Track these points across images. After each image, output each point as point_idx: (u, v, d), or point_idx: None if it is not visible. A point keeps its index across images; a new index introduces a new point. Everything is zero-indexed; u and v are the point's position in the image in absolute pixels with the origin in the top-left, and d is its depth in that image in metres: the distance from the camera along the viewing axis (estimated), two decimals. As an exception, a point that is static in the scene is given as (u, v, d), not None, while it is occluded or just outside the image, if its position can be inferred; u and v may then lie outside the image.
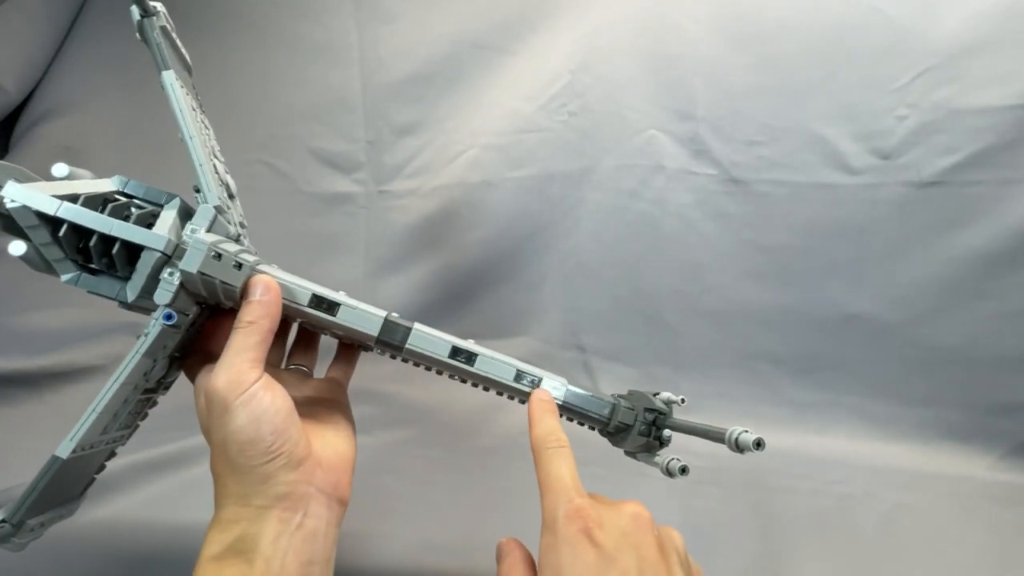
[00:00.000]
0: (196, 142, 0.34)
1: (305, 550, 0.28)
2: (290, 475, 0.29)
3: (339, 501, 0.31)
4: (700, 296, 0.90)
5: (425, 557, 0.69)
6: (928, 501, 0.76)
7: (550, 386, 0.38)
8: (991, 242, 0.77)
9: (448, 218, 0.96)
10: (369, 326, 0.35)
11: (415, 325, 0.36)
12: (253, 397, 0.28)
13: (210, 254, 0.30)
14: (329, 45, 0.97)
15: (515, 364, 0.37)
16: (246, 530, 0.27)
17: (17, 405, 0.85)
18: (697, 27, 0.83)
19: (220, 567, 0.27)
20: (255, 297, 0.31)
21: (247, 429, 0.28)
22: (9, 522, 0.33)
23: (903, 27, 0.75)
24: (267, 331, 0.31)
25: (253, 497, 0.28)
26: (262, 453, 0.28)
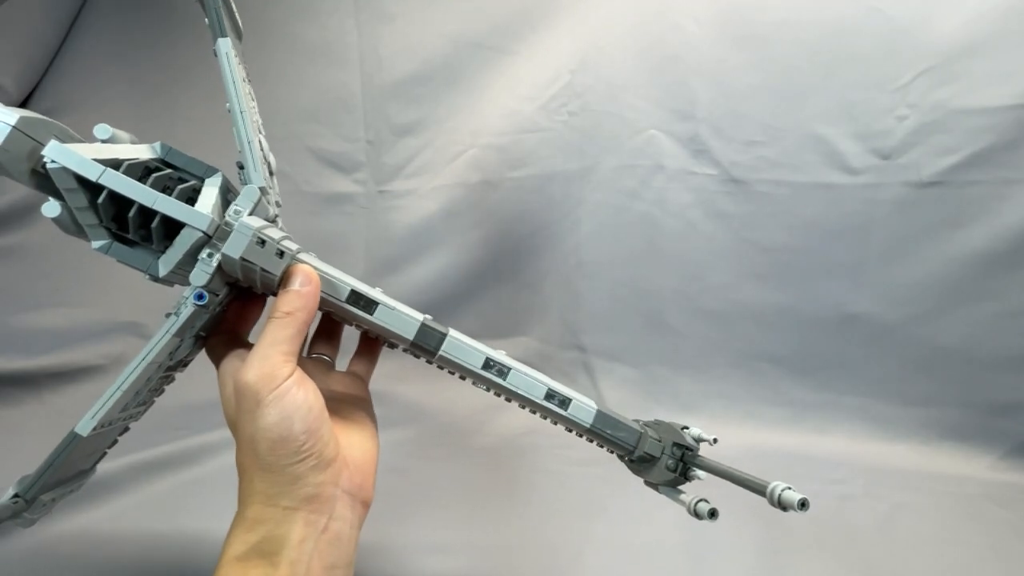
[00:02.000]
0: (245, 117, 0.34)
1: (330, 553, 0.28)
2: (319, 476, 0.28)
3: (363, 502, 0.31)
4: (700, 296, 0.90)
5: (425, 557, 0.69)
6: (928, 501, 0.76)
7: (580, 406, 0.36)
8: (991, 242, 0.77)
9: (448, 218, 0.96)
10: (406, 329, 0.34)
11: (450, 332, 0.35)
12: (287, 393, 0.27)
13: (254, 240, 0.29)
14: (329, 45, 0.97)
15: (547, 382, 0.36)
16: (272, 531, 0.27)
17: (17, 405, 0.85)
18: (697, 27, 0.83)
19: (244, 568, 0.27)
20: (294, 287, 0.30)
21: (279, 427, 0.27)
22: (23, 497, 0.33)
23: (903, 27, 0.75)
24: (303, 323, 0.30)
25: (280, 497, 0.27)
26: (293, 452, 0.27)
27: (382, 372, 0.42)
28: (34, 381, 0.87)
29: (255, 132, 0.34)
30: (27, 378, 0.87)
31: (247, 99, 0.35)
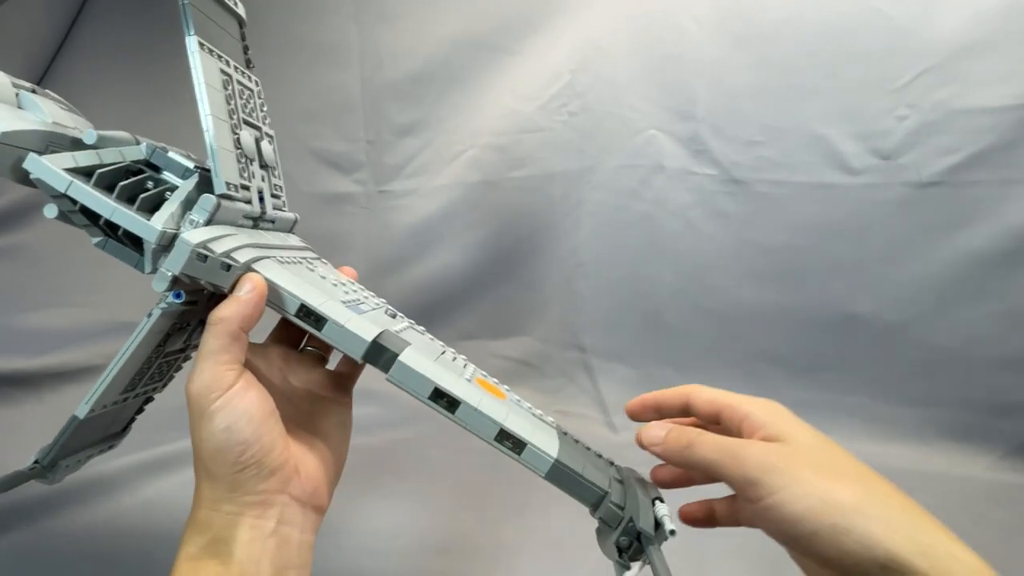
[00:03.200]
0: (211, 122, 0.33)
1: (279, 555, 0.28)
2: (260, 485, 0.28)
3: (315, 508, 0.31)
4: (700, 296, 0.90)
5: (425, 557, 0.69)
6: (928, 501, 0.75)
7: (535, 453, 0.32)
8: (991, 242, 0.77)
9: (448, 218, 0.96)
10: (354, 348, 0.32)
11: (401, 355, 0.31)
12: (227, 404, 0.28)
13: (194, 256, 0.28)
14: (329, 45, 0.97)
15: (500, 423, 0.31)
16: (219, 534, 0.28)
17: (17, 405, 0.85)
18: (697, 27, 0.83)
19: (197, 566, 0.27)
20: (238, 293, 0.30)
21: (217, 437, 0.27)
22: (41, 463, 0.35)
23: (903, 27, 0.75)
24: (238, 330, 0.29)
25: (223, 503, 0.28)
26: (232, 463, 0.28)
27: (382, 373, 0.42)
28: (34, 381, 0.87)
29: (229, 134, 0.34)
30: (27, 378, 0.87)
31: (223, 99, 0.35)
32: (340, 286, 0.37)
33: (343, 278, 0.40)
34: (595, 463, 0.34)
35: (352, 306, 0.34)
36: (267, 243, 0.35)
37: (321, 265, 0.40)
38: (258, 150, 0.38)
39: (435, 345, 0.37)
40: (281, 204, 0.41)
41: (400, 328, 0.35)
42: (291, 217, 0.43)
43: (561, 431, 0.35)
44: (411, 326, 0.37)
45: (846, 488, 0.25)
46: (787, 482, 0.26)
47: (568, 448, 0.33)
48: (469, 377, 0.34)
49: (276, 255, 0.34)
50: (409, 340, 0.34)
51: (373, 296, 0.40)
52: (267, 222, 0.39)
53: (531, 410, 0.36)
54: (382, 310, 0.37)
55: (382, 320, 0.35)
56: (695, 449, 0.30)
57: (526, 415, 0.34)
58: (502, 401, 0.33)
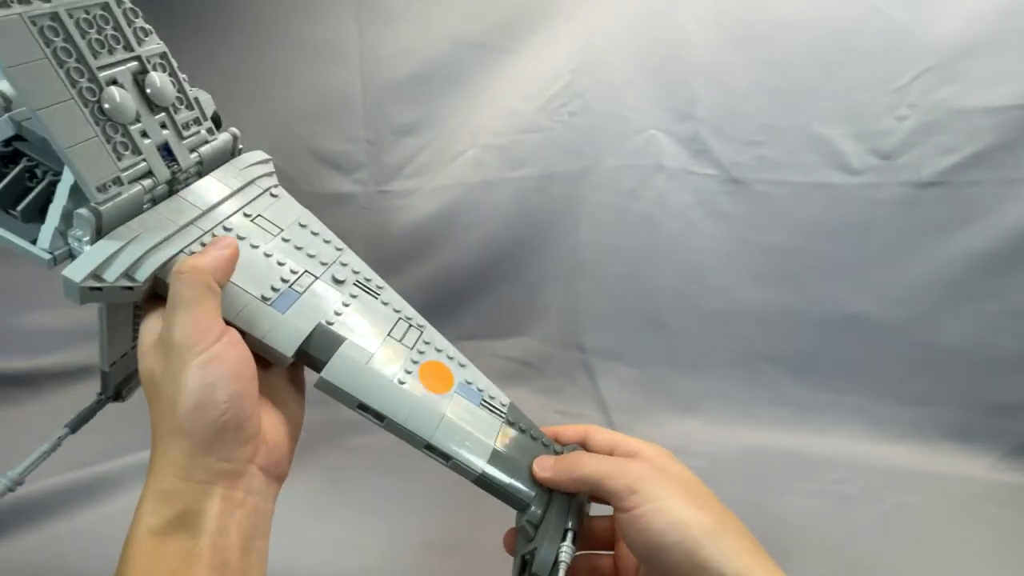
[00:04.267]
0: (45, 117, 0.25)
1: (248, 526, 0.27)
2: (236, 450, 0.27)
3: (278, 478, 0.30)
4: (700, 296, 0.90)
5: (426, 556, 0.69)
6: (928, 501, 0.76)
7: (464, 464, 0.31)
8: (991, 242, 0.77)
9: (448, 218, 0.96)
10: (279, 359, 0.30)
11: (324, 371, 0.30)
12: (214, 358, 0.26)
13: (86, 291, 0.26)
14: (329, 45, 0.97)
15: (426, 438, 0.31)
16: (189, 505, 0.26)
17: (17, 405, 0.85)
18: (697, 27, 0.83)
19: (161, 542, 0.25)
20: (210, 247, 0.29)
21: (200, 392, 0.26)
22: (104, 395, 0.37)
23: (903, 27, 0.75)
24: (211, 280, 0.28)
25: (196, 470, 0.26)
26: (210, 423, 0.26)
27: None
28: (34, 381, 0.87)
29: (80, 115, 0.26)
30: (27, 378, 0.87)
31: (78, 32, 0.27)
32: (280, 251, 0.33)
33: (291, 221, 0.35)
34: (531, 459, 0.33)
35: (283, 296, 0.31)
36: (185, 220, 0.31)
37: (270, 202, 0.36)
38: (141, 94, 0.30)
39: (384, 319, 0.34)
40: (199, 139, 0.34)
41: (342, 304, 0.32)
42: (223, 144, 0.35)
43: (509, 420, 0.34)
44: (363, 292, 0.34)
45: (709, 515, 0.28)
46: (663, 495, 0.28)
47: (504, 452, 0.32)
48: (411, 368, 0.32)
49: (196, 237, 0.30)
50: (350, 323, 0.32)
51: (324, 240, 0.36)
52: (189, 174, 0.33)
53: (481, 394, 0.34)
54: (328, 276, 0.34)
55: (317, 307, 0.32)
56: (581, 465, 0.31)
57: (465, 410, 0.32)
58: (441, 398, 0.32)
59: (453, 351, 0.35)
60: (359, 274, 0.35)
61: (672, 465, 0.32)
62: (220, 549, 0.26)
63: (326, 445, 0.84)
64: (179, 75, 0.32)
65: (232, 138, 0.36)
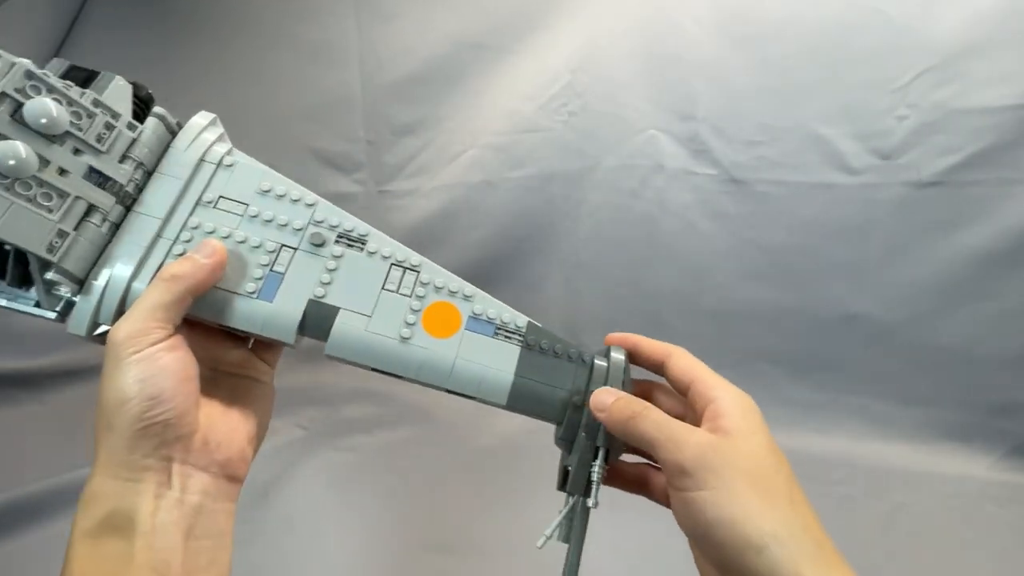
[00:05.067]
0: None
1: (189, 525, 0.27)
2: (161, 448, 0.26)
3: (229, 479, 0.29)
4: (700, 296, 0.90)
5: (426, 555, 0.69)
6: (928, 501, 0.76)
7: (487, 400, 0.32)
8: (991, 242, 0.77)
9: (448, 218, 0.96)
10: (284, 337, 0.30)
11: (327, 345, 0.31)
12: (148, 357, 0.26)
13: (95, 338, 0.28)
14: (329, 45, 0.97)
15: (442, 385, 0.32)
16: (118, 505, 0.26)
17: (17, 405, 0.85)
18: (697, 27, 0.83)
19: (97, 544, 0.25)
20: (196, 254, 0.29)
21: (127, 388, 0.26)
22: None
23: (903, 27, 0.75)
24: (187, 292, 0.28)
25: (121, 467, 0.26)
26: (134, 418, 0.26)
27: (382, 373, 0.41)
28: (34, 381, 0.87)
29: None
30: (27, 378, 0.87)
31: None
32: (251, 232, 0.32)
33: (253, 191, 0.33)
34: (557, 381, 0.32)
35: (267, 283, 0.31)
36: (149, 238, 0.30)
37: (227, 176, 0.33)
38: (29, 131, 0.27)
39: (375, 273, 0.33)
40: (124, 143, 0.31)
41: (327, 271, 0.32)
42: (154, 134, 0.32)
43: (527, 342, 0.33)
44: (346, 248, 0.33)
45: (771, 510, 0.25)
46: (717, 484, 0.26)
47: (526, 378, 0.32)
48: (413, 319, 0.32)
49: (167, 251, 0.30)
50: (341, 289, 0.31)
51: (292, 200, 0.34)
52: (135, 181, 0.31)
53: (494, 323, 0.33)
54: (306, 243, 0.32)
55: (303, 284, 0.31)
56: (637, 422, 0.28)
57: (478, 347, 0.32)
58: (449, 342, 0.32)
59: (457, 283, 0.34)
60: (337, 228, 0.33)
61: (749, 427, 0.28)
62: (156, 549, 0.26)
63: (326, 445, 0.84)
64: (59, 86, 0.28)
65: (159, 121, 0.32)
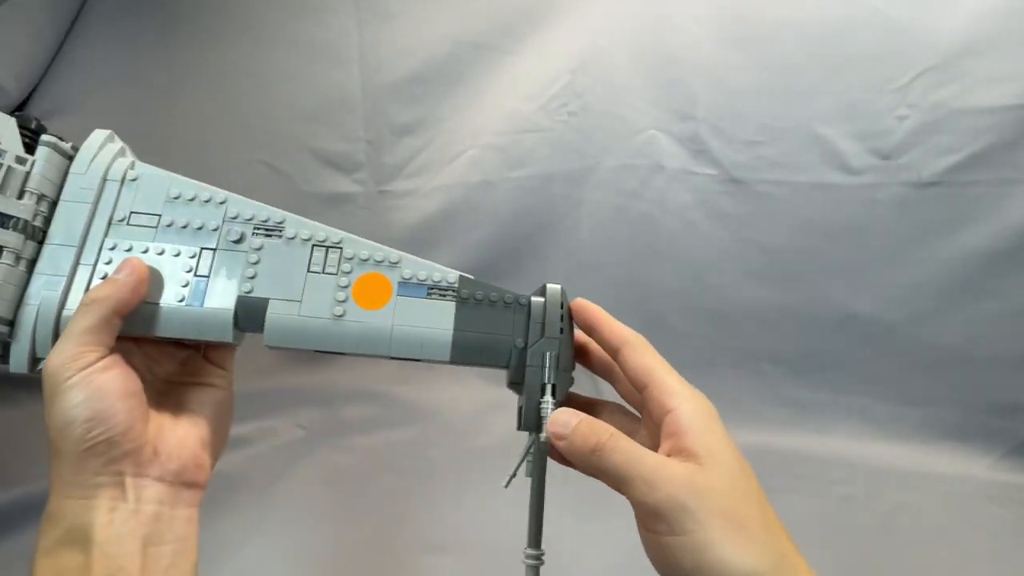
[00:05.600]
0: None
1: (146, 533, 0.28)
2: (110, 465, 0.27)
3: (187, 485, 0.30)
4: (700, 296, 0.90)
5: (425, 556, 0.69)
6: (928, 501, 0.76)
7: (430, 359, 0.33)
8: (991, 242, 0.77)
9: (448, 218, 0.96)
10: (220, 336, 0.31)
11: (264, 336, 0.31)
12: (82, 381, 0.27)
13: (38, 374, 0.29)
14: (329, 45, 0.97)
15: (385, 354, 0.32)
16: (73, 522, 0.27)
17: (17, 405, 0.85)
18: (697, 27, 0.83)
19: (55, 560, 0.27)
20: (116, 276, 0.29)
21: (67, 413, 0.27)
22: None
23: (903, 27, 0.75)
24: (111, 312, 0.28)
25: (73, 487, 0.27)
26: (77, 440, 0.26)
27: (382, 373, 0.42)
28: (34, 381, 0.87)
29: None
30: (27, 378, 0.87)
31: None
32: (168, 242, 0.32)
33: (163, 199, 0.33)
34: (497, 328, 0.34)
35: (194, 289, 0.31)
36: (68, 267, 0.31)
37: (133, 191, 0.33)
38: None
39: (296, 257, 0.33)
40: (17, 178, 0.30)
41: (250, 264, 0.32)
42: (49, 161, 0.31)
43: (460, 296, 0.34)
44: (265, 238, 0.33)
45: (749, 545, 0.25)
46: (694, 528, 0.24)
47: (465, 332, 0.33)
48: (343, 295, 0.32)
49: (89, 276, 0.31)
50: (266, 280, 0.32)
51: (203, 202, 0.33)
52: (40, 214, 0.31)
53: (425, 284, 0.34)
54: (224, 242, 0.33)
55: (228, 283, 0.32)
56: (603, 456, 0.27)
57: (413, 310, 0.33)
58: (383, 311, 0.32)
59: (382, 252, 0.34)
60: (252, 220, 0.34)
61: (715, 446, 0.27)
62: (113, 557, 0.26)
63: (326, 445, 0.84)
64: None
65: (51, 149, 0.31)
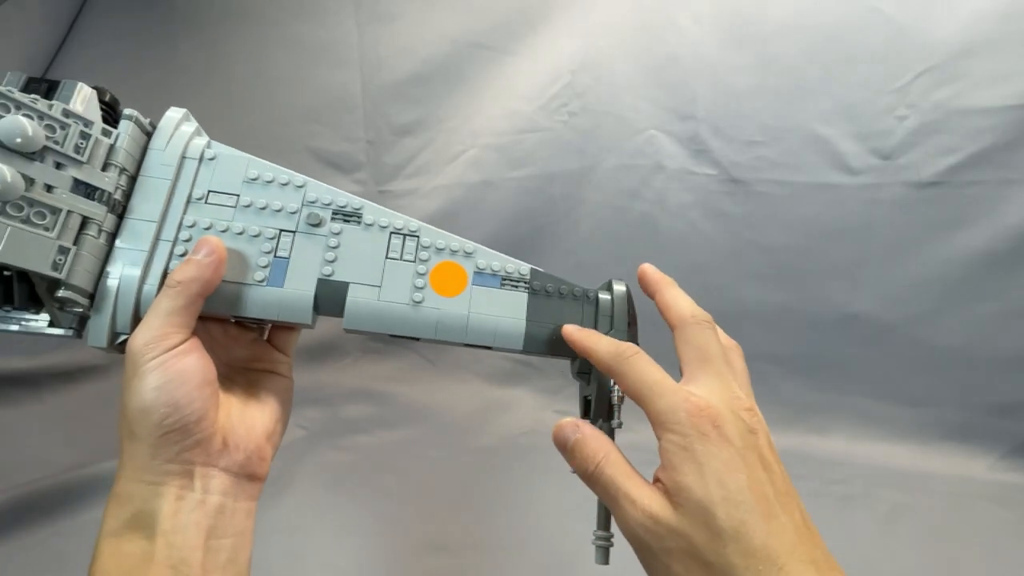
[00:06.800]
0: None
1: (210, 525, 0.28)
2: (183, 453, 0.27)
3: (250, 477, 0.30)
4: (700, 296, 0.88)
5: (426, 556, 0.69)
6: (928, 501, 0.76)
7: (504, 348, 0.34)
8: (991, 242, 0.77)
9: (448, 218, 0.96)
10: (300, 320, 0.31)
11: (344, 320, 0.31)
12: (163, 364, 0.27)
13: (116, 349, 0.29)
14: (329, 45, 0.97)
15: (460, 341, 0.33)
16: (141, 507, 0.27)
17: (17, 405, 0.85)
18: (697, 27, 0.83)
19: (119, 543, 0.26)
20: (196, 256, 0.29)
21: (145, 396, 0.27)
22: None
23: (903, 27, 0.75)
24: (197, 295, 0.29)
25: (144, 472, 0.27)
26: (154, 425, 0.27)
27: (382, 373, 0.42)
28: (34, 381, 0.87)
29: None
30: (27, 378, 0.87)
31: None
32: (248, 222, 0.32)
33: (241, 180, 0.33)
34: (567, 319, 0.36)
35: (274, 270, 0.31)
36: (148, 243, 0.30)
37: (211, 170, 0.33)
38: (8, 151, 0.27)
39: (376, 243, 0.34)
40: (102, 150, 0.30)
41: (330, 248, 0.32)
42: (130, 137, 0.31)
43: (532, 288, 0.36)
44: (343, 224, 0.33)
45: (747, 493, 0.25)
46: (657, 567, 0.26)
47: (537, 323, 0.35)
48: (421, 283, 0.33)
49: (168, 252, 0.31)
50: (347, 264, 0.32)
51: (280, 185, 0.33)
52: (122, 188, 0.31)
53: (498, 275, 0.35)
54: (304, 225, 0.33)
55: (309, 264, 0.32)
56: (592, 482, 0.29)
57: (488, 299, 0.34)
58: (460, 299, 0.33)
59: (457, 243, 0.35)
60: (331, 205, 0.34)
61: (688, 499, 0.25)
62: (176, 548, 0.26)
63: (326, 445, 0.84)
64: (26, 101, 0.28)
65: (133, 123, 0.31)
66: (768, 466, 0.27)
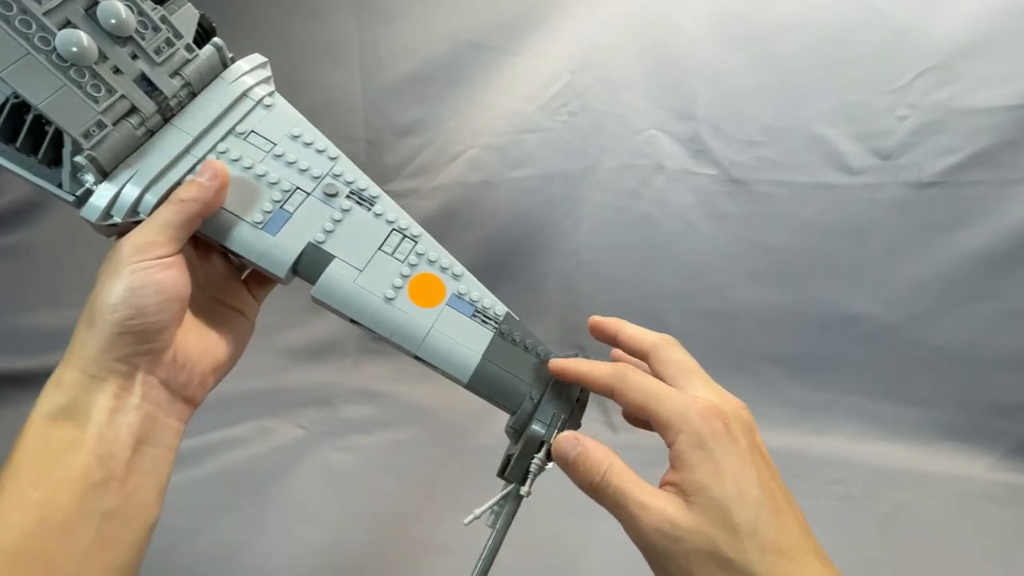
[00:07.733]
0: (13, 75, 0.25)
1: (141, 430, 0.29)
2: (133, 357, 0.28)
3: (186, 400, 0.31)
4: (700, 296, 0.90)
5: (426, 556, 0.69)
6: (928, 501, 0.76)
7: (450, 374, 0.33)
8: (991, 242, 0.77)
9: (448, 218, 0.96)
10: (275, 270, 0.32)
11: (314, 288, 0.31)
12: (146, 270, 0.28)
13: (104, 226, 0.30)
14: (329, 45, 0.97)
15: (413, 351, 0.32)
16: (79, 396, 0.28)
17: (17, 405, 0.85)
18: (697, 27, 0.83)
19: (49, 427, 0.28)
20: (200, 178, 0.30)
21: (117, 293, 0.28)
22: None
23: (903, 27, 0.75)
24: (196, 215, 0.30)
25: (91, 364, 0.28)
26: (115, 322, 0.27)
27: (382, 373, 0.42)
28: (34, 381, 0.87)
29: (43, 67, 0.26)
30: (27, 378, 0.87)
31: None
32: (272, 169, 0.33)
33: (284, 133, 0.35)
34: (520, 373, 0.34)
35: (274, 218, 0.32)
36: (179, 150, 0.32)
37: (263, 115, 0.35)
38: (98, 27, 0.28)
39: (375, 233, 0.34)
40: (179, 61, 0.32)
41: (332, 220, 0.33)
42: (208, 60, 0.34)
43: (501, 331, 0.35)
44: (355, 204, 0.35)
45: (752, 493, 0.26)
46: (674, 570, 0.25)
47: (492, 364, 0.33)
48: (400, 283, 0.33)
49: (191, 166, 0.32)
50: (340, 240, 0.33)
51: (317, 150, 0.36)
52: (179, 98, 0.33)
53: (475, 306, 0.35)
54: (319, 191, 0.34)
55: (307, 226, 0.32)
56: (597, 494, 0.28)
57: (455, 323, 0.34)
58: (429, 312, 0.33)
59: (448, 261, 0.36)
60: (352, 184, 0.35)
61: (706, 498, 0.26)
62: (107, 442, 0.27)
63: (326, 445, 0.84)
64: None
65: (216, 50, 0.34)
66: (768, 462, 0.28)
